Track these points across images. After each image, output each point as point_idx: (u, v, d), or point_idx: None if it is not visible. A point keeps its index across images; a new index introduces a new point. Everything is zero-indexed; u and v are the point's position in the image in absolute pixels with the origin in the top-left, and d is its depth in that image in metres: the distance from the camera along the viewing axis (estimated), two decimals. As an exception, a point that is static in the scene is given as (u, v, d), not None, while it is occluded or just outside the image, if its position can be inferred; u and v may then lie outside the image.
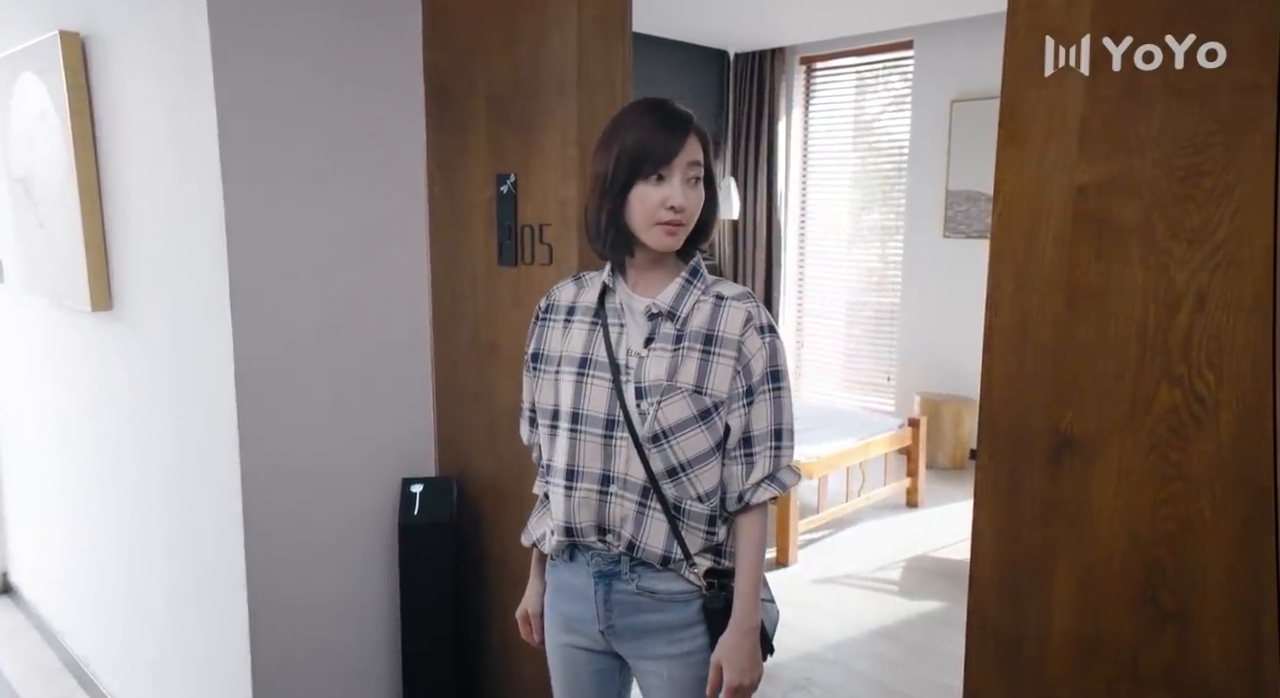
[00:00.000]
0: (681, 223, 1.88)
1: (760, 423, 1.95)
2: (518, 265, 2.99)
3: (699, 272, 2.00)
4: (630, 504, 1.94)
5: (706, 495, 1.94)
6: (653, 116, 1.88)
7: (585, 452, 1.96)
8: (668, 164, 1.85)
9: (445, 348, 3.34)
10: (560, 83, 2.78)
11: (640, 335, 1.96)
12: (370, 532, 3.23)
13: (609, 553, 2.00)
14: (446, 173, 3.23)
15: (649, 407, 1.90)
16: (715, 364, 1.91)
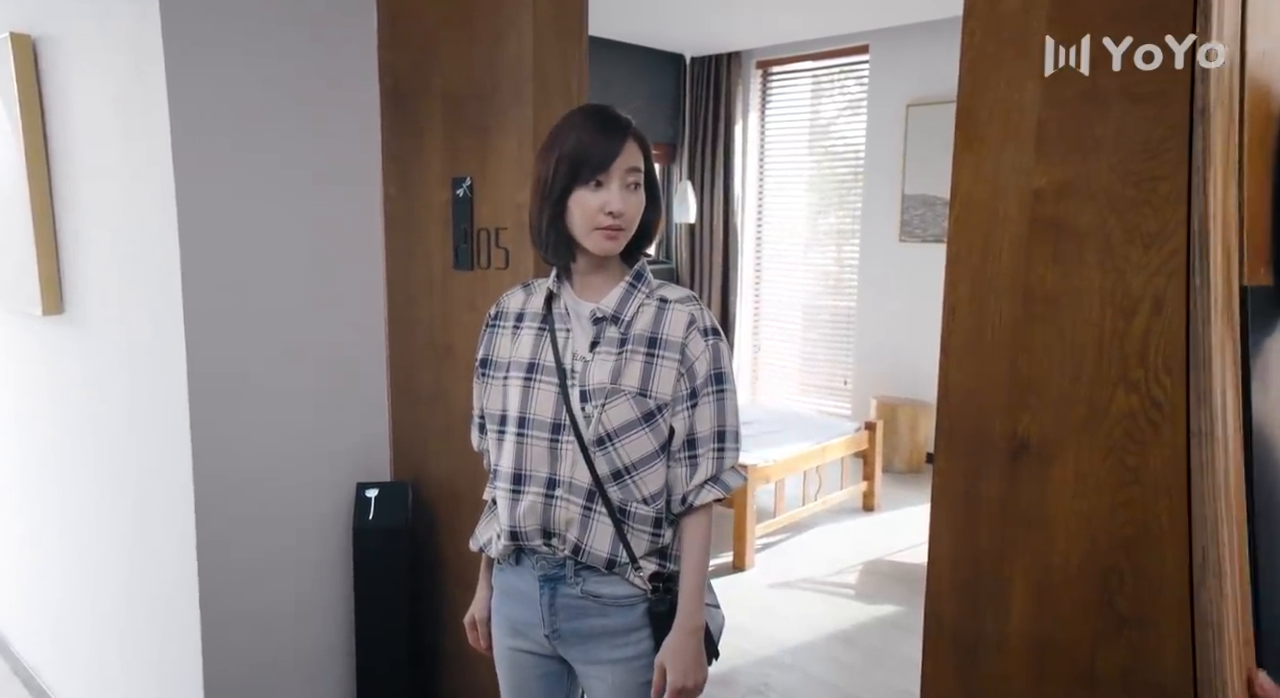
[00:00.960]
0: (621, 228, 1.89)
1: (704, 425, 1.96)
2: (474, 269, 2.98)
3: (643, 275, 2.01)
4: (576, 508, 1.94)
5: (652, 498, 1.95)
6: (591, 122, 1.89)
7: (532, 456, 1.96)
8: (605, 170, 1.85)
9: (400, 352, 3.32)
10: (516, 85, 2.77)
11: (586, 340, 1.97)
12: (324, 537, 3.21)
13: (554, 557, 2.00)
14: (402, 175, 3.21)
15: (593, 410, 1.91)
16: (659, 367, 1.92)
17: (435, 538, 3.30)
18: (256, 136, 2.92)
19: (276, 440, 3.06)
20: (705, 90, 8.81)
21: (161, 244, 2.79)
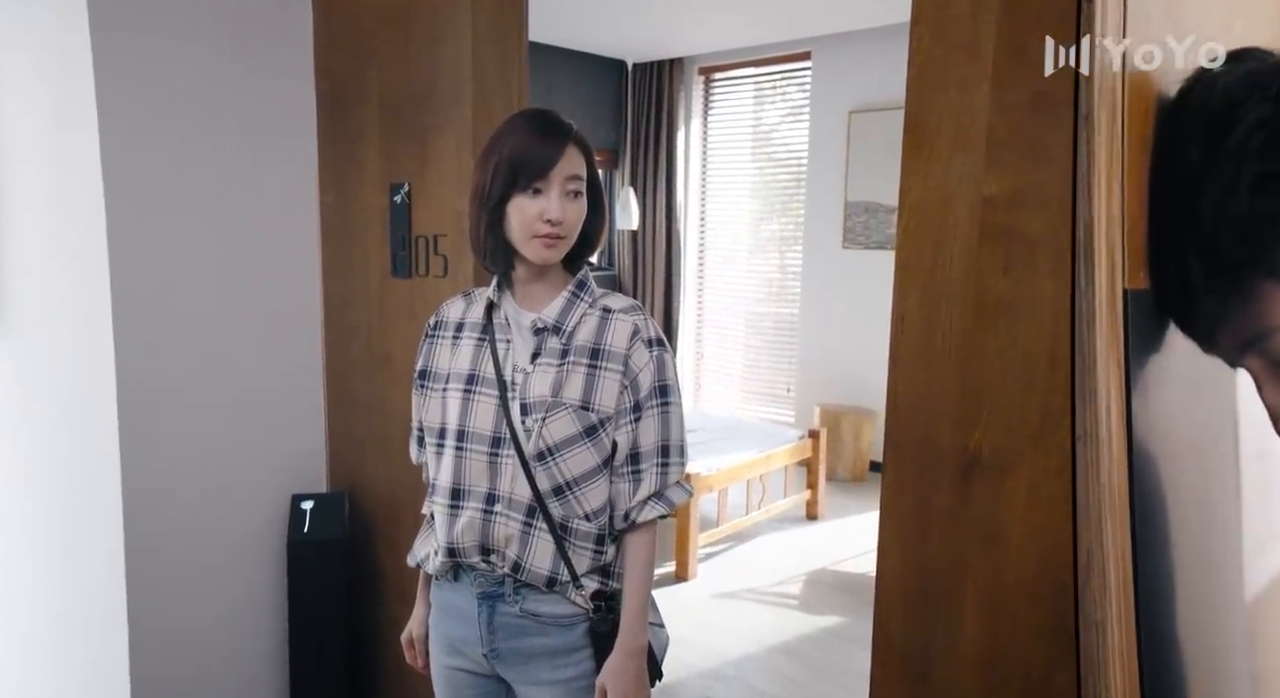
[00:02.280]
0: (560, 236, 1.85)
1: (648, 439, 1.93)
2: (412, 277, 2.96)
3: (586, 284, 1.98)
4: (515, 524, 1.90)
5: (594, 514, 1.92)
6: (531, 127, 1.86)
7: (471, 470, 1.93)
8: (544, 176, 1.82)
9: (337, 361, 3.30)
10: (455, 90, 2.76)
11: (526, 351, 1.93)
12: (257, 550, 3.18)
13: (493, 574, 1.95)
14: (338, 180, 3.19)
15: (534, 423, 1.87)
16: (601, 379, 1.89)
17: (373, 550, 3.27)
18: (188, 141, 2.89)
19: (208, 451, 3.03)
20: (647, 96, 8.80)
21: (90, 251, 2.75)
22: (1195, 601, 1.27)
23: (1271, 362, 0.96)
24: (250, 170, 3.05)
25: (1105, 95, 1.05)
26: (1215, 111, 0.95)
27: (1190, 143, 0.98)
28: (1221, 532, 1.35)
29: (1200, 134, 0.96)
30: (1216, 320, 0.99)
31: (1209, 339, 1.03)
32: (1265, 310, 0.93)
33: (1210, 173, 0.93)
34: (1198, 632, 1.27)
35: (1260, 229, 0.91)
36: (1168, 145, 1.04)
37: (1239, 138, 0.91)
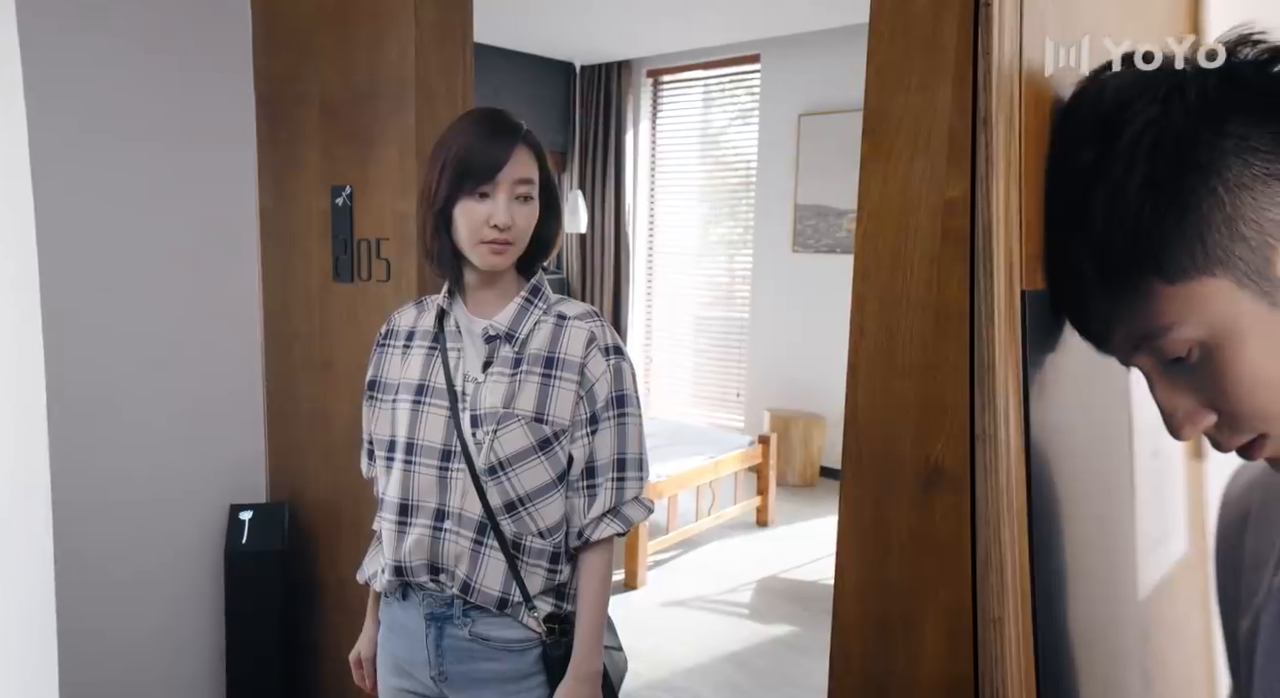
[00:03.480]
0: (509, 242, 1.80)
1: (604, 452, 1.87)
2: (354, 281, 2.93)
3: (540, 290, 1.92)
4: (465, 542, 1.84)
5: (549, 531, 1.86)
6: (480, 128, 1.81)
7: (419, 485, 1.86)
8: (490, 180, 1.77)
9: (278, 367, 3.26)
10: (398, 91, 2.73)
11: (478, 360, 1.88)
12: (194, 562, 3.13)
13: (441, 594, 1.89)
14: (278, 184, 3.15)
15: (484, 436, 1.81)
16: (556, 389, 1.83)
17: (314, 562, 3.23)
18: (122, 142, 2.85)
19: (143, 460, 2.98)
20: (595, 99, 8.80)
21: (18, 256, 2.69)
22: (1091, 597, 1.29)
23: (1162, 361, 0.99)
24: (187, 172, 3.01)
25: (1002, 98, 1.05)
26: (1106, 113, 0.98)
27: (1083, 144, 1.00)
28: (1116, 530, 1.39)
29: (1092, 136, 0.99)
30: (1110, 320, 1.02)
31: (1103, 339, 1.06)
32: (1156, 310, 0.96)
33: (1102, 174, 0.96)
34: (1093, 628, 1.29)
35: (1150, 229, 0.94)
36: (1062, 147, 1.07)
37: (1129, 139, 0.94)
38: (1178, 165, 0.93)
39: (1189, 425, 1.00)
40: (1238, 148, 0.92)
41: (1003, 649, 1.06)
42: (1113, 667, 1.38)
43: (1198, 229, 0.92)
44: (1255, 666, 1.11)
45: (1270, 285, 0.92)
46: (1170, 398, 1.01)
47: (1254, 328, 0.93)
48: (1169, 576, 1.55)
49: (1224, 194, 0.92)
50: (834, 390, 7.43)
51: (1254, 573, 1.16)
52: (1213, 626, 1.33)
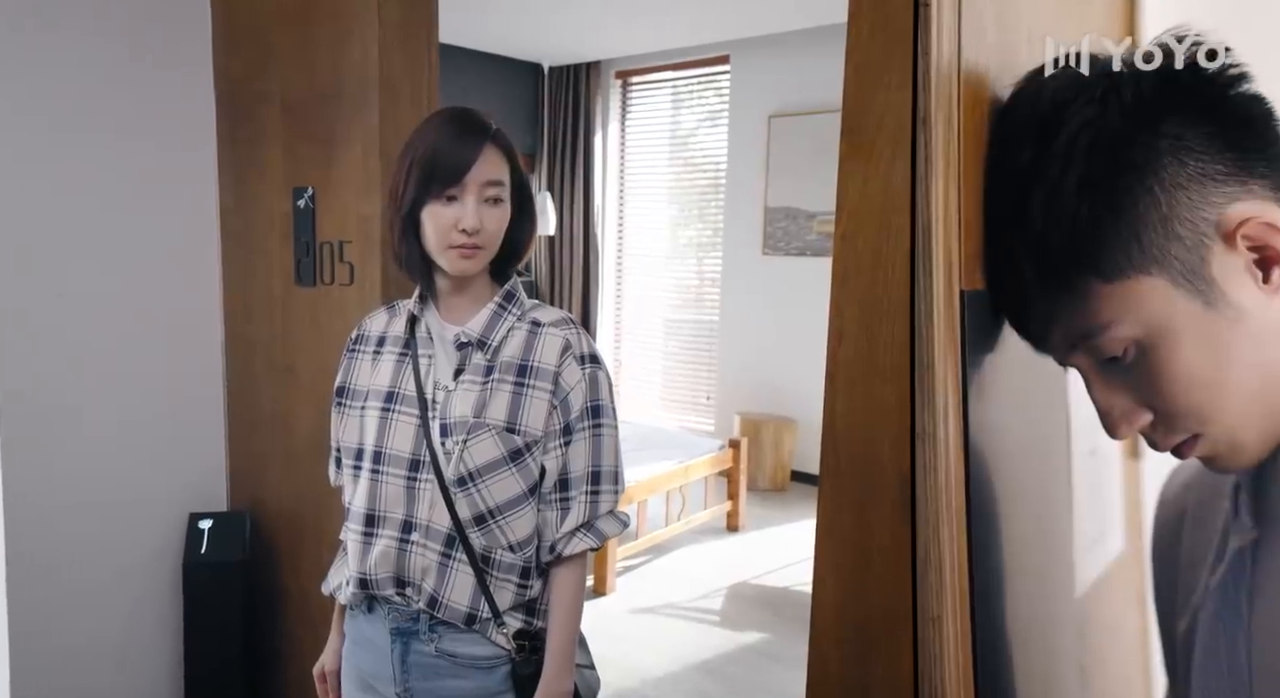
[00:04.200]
0: (477, 246, 1.75)
1: (578, 464, 1.83)
2: (316, 285, 2.88)
3: (514, 296, 1.87)
4: (433, 555, 1.79)
5: (519, 545, 1.81)
6: (446, 127, 1.76)
7: (386, 495, 1.82)
8: (457, 182, 1.72)
9: (239, 373, 3.21)
10: (361, 91, 2.68)
11: (449, 367, 1.83)
12: (151, 573, 3.08)
13: (408, 609, 1.84)
14: (239, 185, 3.11)
15: (454, 446, 1.77)
16: (529, 399, 1.79)
17: (276, 572, 3.18)
18: (80, 144, 2.80)
19: (98, 467, 2.93)
20: (564, 100, 8.79)
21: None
22: (1029, 595, 1.31)
23: (1099, 360, 1.01)
24: (145, 173, 2.97)
25: (941, 98, 1.07)
26: (1044, 114, 1.00)
27: (1021, 144, 1.02)
28: (1054, 528, 1.41)
29: (1030, 136, 1.01)
30: (1047, 320, 1.04)
31: (1041, 339, 1.08)
32: (1093, 309, 0.98)
33: (1040, 174, 0.98)
34: (1031, 626, 1.31)
35: (1087, 229, 0.95)
36: (1000, 147, 1.09)
37: (1065, 139, 0.96)
38: (1114, 165, 0.95)
39: (1125, 425, 1.03)
40: (1173, 148, 0.94)
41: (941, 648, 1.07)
42: (1050, 664, 1.39)
43: (1134, 228, 0.94)
44: (1193, 663, 1.13)
45: (1204, 284, 0.94)
46: (1107, 397, 1.03)
47: (1188, 327, 0.95)
48: (1106, 574, 1.58)
49: (1159, 194, 0.94)
50: (805, 394, 7.53)
51: (1191, 572, 1.18)
52: (1149, 624, 1.35)
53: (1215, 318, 0.94)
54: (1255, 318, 0.94)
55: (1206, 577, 1.12)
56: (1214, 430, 0.99)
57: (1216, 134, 0.94)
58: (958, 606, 1.08)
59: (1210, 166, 0.94)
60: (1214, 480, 1.13)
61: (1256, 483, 1.05)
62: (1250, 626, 1.05)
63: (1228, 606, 1.07)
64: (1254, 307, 0.94)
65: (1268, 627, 1.04)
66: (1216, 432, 0.99)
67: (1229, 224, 0.93)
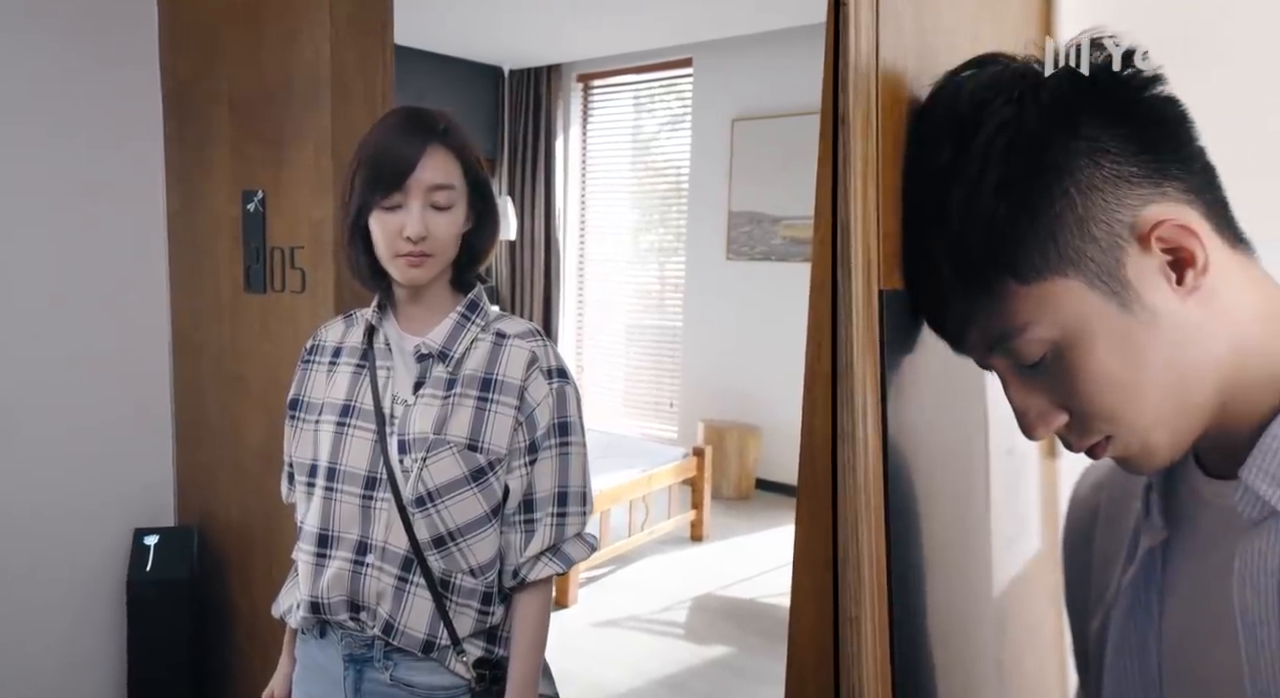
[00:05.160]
0: (424, 253, 1.67)
1: (543, 485, 1.75)
2: (267, 292, 2.82)
3: (478, 306, 1.79)
4: (389, 578, 1.71)
5: (480, 569, 1.73)
6: (391, 131, 1.69)
7: (340, 515, 1.73)
8: (400, 187, 1.64)
9: (187, 383, 3.16)
10: (313, 90, 2.63)
11: (409, 380, 1.75)
12: (94, 591, 3.02)
13: (361, 635, 1.76)
14: (187, 188, 3.06)
15: (412, 464, 1.69)
16: (492, 415, 1.71)
17: (225, 589, 3.11)
18: (19, 142, 2.76)
19: (39, 479, 2.88)
20: (525, 104, 8.75)
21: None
22: (949, 594, 1.33)
23: (1016, 362, 1.02)
24: (89, 175, 2.92)
25: (858, 96, 1.07)
26: (962, 114, 1.01)
27: (940, 145, 1.03)
28: (973, 528, 1.43)
29: (949, 136, 1.02)
30: (965, 321, 1.04)
31: (959, 339, 1.08)
32: (1010, 310, 0.98)
33: (958, 174, 0.99)
34: (951, 623, 1.32)
35: (1004, 229, 0.96)
36: (919, 147, 1.09)
37: (984, 140, 0.97)
38: (1032, 167, 0.95)
39: (1041, 426, 1.03)
40: (1089, 150, 0.95)
41: (859, 646, 1.07)
42: (970, 662, 1.41)
43: (1050, 230, 0.95)
44: (1105, 662, 1.14)
45: (1120, 286, 0.95)
46: (1023, 398, 1.03)
47: (1104, 329, 0.96)
48: (1023, 573, 1.62)
49: (1076, 196, 0.94)
50: (770, 400, 7.51)
51: (1103, 572, 1.20)
52: (1065, 622, 1.36)
53: (1130, 320, 0.95)
54: (1169, 320, 0.95)
55: (1118, 576, 1.14)
56: (1128, 432, 0.99)
57: (1131, 136, 0.95)
58: (876, 604, 1.08)
59: (1125, 169, 0.95)
60: (1126, 480, 1.15)
61: (1167, 483, 1.08)
62: (1161, 625, 1.07)
63: (1139, 605, 1.09)
64: (1168, 309, 0.95)
65: (1178, 626, 1.06)
66: (1130, 433, 0.99)
67: (1144, 226, 0.94)
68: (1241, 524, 0.94)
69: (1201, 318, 0.95)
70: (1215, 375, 0.96)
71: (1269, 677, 0.91)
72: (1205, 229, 0.95)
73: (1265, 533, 0.92)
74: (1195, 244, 0.93)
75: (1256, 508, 0.92)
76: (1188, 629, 1.04)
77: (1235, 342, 0.95)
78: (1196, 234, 0.93)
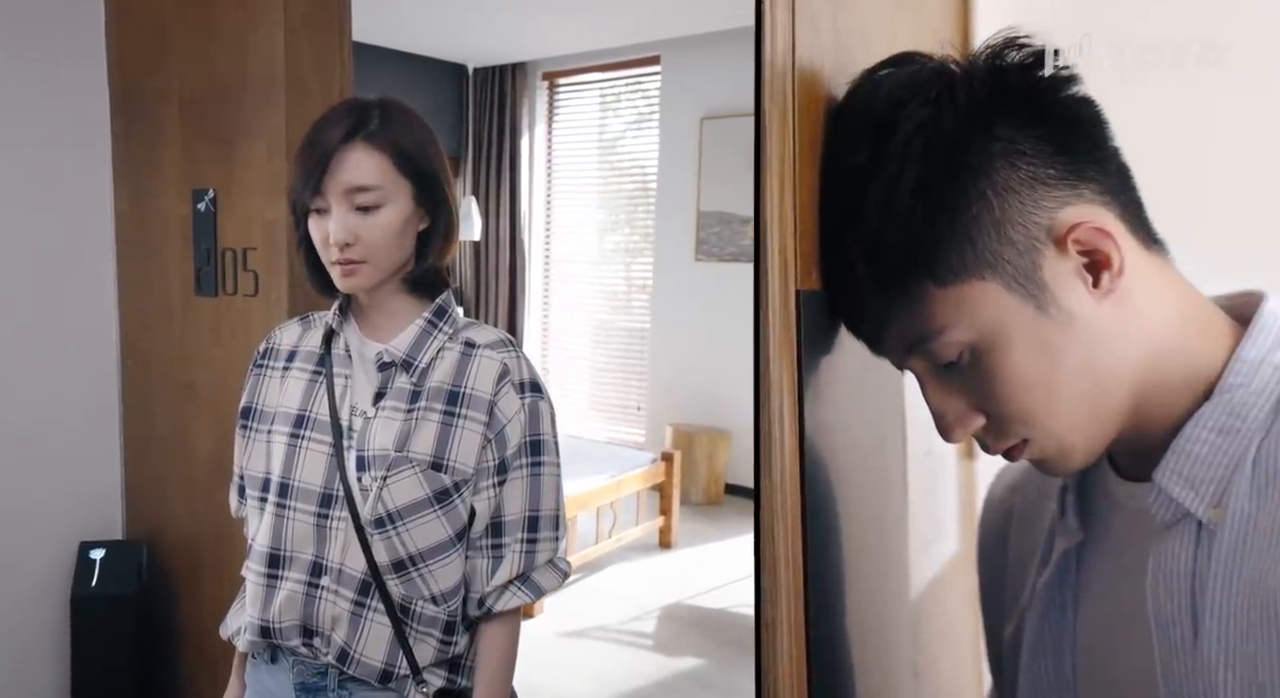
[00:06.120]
0: (353, 260, 1.57)
1: (513, 507, 1.66)
2: (218, 295, 2.77)
3: (446, 312, 1.70)
4: (345, 603, 1.62)
5: (443, 596, 1.64)
6: (314, 130, 1.60)
7: (294, 533, 1.64)
8: (318, 190, 1.55)
9: (135, 390, 3.11)
10: (266, 86, 2.59)
11: (369, 390, 1.66)
12: (37, 607, 2.96)
13: (314, 662, 1.67)
14: (135, 187, 3.01)
15: (371, 482, 1.60)
16: (459, 431, 1.62)
17: (173, 605, 3.05)
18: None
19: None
20: (489, 102, 8.72)
21: None
22: (867, 596, 1.34)
23: (933, 364, 1.03)
24: (34, 175, 2.88)
25: (775, 95, 1.06)
26: (880, 114, 1.01)
27: (857, 144, 1.03)
28: (890, 529, 1.46)
29: (866, 136, 1.02)
30: (882, 323, 1.05)
31: (876, 341, 1.09)
32: (927, 312, 0.99)
33: (876, 174, 0.99)
34: (868, 626, 1.33)
35: (921, 231, 0.96)
36: (835, 146, 1.10)
37: (901, 140, 0.97)
38: (948, 168, 0.96)
39: (959, 428, 1.04)
40: (1005, 151, 0.95)
41: (776, 648, 1.06)
42: (887, 664, 1.42)
43: (967, 232, 0.96)
44: (1020, 663, 1.16)
45: (1037, 289, 0.96)
46: (941, 400, 1.04)
47: (1021, 331, 0.97)
48: (940, 574, 1.67)
49: (993, 197, 0.95)
50: (739, 404, 7.44)
51: (1018, 574, 1.21)
52: (980, 625, 1.39)
53: (1046, 322, 0.97)
54: (1084, 322, 0.97)
55: (1034, 578, 1.16)
56: (1044, 434, 1.00)
57: (1047, 137, 0.96)
58: (792, 605, 1.07)
59: (1042, 170, 0.96)
60: (1041, 482, 1.18)
61: (1083, 485, 1.10)
62: (1075, 626, 1.10)
63: (1054, 606, 1.12)
64: (1083, 311, 0.96)
65: (1092, 627, 1.08)
66: (1046, 435, 1.01)
67: (1060, 229, 0.96)
68: (1155, 526, 0.97)
69: (1117, 320, 0.97)
70: (1130, 377, 0.98)
71: (1181, 677, 0.92)
72: (1121, 231, 0.97)
73: (1178, 535, 0.94)
74: (1111, 247, 0.95)
75: (1170, 510, 0.95)
76: (1102, 630, 1.07)
77: (1150, 344, 0.97)
78: (1112, 237, 0.95)
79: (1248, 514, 0.90)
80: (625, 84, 8.27)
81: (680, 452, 6.65)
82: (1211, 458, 0.93)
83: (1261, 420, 0.93)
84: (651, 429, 8.01)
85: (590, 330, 8.72)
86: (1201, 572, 0.92)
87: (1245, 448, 0.92)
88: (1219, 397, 0.95)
